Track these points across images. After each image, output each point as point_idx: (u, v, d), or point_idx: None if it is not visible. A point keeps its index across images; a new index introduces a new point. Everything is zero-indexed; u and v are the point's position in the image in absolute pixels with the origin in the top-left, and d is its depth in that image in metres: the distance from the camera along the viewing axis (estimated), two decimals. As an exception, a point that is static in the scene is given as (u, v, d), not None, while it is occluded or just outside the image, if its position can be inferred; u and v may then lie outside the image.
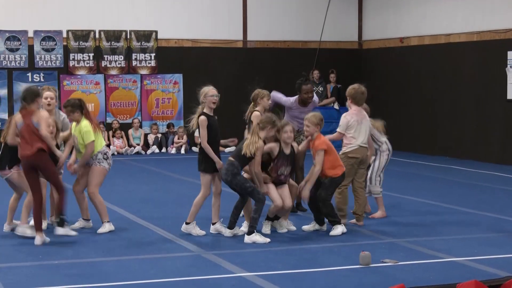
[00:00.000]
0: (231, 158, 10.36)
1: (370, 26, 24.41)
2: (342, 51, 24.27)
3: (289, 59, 23.27)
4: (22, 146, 10.09)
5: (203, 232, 10.67)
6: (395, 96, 22.57)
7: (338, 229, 10.72)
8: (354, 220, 11.48)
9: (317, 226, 11.03)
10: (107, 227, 10.83)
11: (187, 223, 10.73)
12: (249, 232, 10.24)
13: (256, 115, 11.21)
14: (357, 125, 11.23)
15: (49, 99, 10.78)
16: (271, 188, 10.63)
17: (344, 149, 11.29)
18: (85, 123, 10.59)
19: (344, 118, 11.28)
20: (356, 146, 11.22)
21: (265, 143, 10.46)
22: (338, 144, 11.47)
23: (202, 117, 10.44)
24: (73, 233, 10.45)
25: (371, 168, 12.02)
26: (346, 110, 11.70)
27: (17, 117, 10.19)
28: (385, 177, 12.34)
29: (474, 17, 20.29)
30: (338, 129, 11.35)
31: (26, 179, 10.23)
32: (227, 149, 17.59)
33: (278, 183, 10.70)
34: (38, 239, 10.08)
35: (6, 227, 10.95)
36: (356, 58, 24.43)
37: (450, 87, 21.11)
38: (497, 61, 19.47)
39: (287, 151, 10.66)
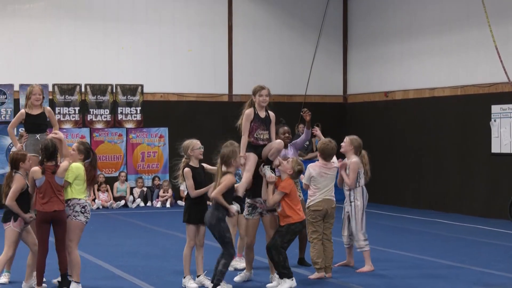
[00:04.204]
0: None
1: (355, 80, 24.67)
2: (327, 105, 24.46)
3: (274, 113, 23.12)
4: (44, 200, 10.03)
5: (195, 286, 10.57)
6: (380, 149, 22.63)
7: (286, 284, 10.48)
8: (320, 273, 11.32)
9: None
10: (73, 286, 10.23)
11: (184, 277, 10.74)
12: (215, 286, 10.19)
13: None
14: (320, 178, 11.30)
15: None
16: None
17: (308, 202, 11.37)
18: (77, 165, 10.31)
19: (307, 170, 11.38)
20: (319, 199, 11.28)
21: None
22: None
23: (186, 169, 10.53)
24: None
25: (352, 221, 11.96)
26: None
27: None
28: (370, 230, 12.28)
29: (458, 71, 20.50)
30: (303, 180, 11.47)
31: (39, 232, 10.08)
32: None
33: (258, 149, 10.62)
34: None
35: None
36: (341, 112, 24.66)
37: (435, 141, 21.25)
38: (481, 115, 19.65)
39: (262, 114, 10.81)
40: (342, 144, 12.03)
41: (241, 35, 23.88)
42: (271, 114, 10.97)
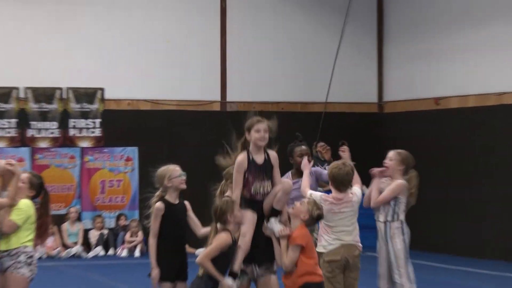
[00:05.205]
0: (199, 273, 9.92)
1: (393, 82, 24.67)
2: (356, 116, 24.44)
3: (283, 127, 21.91)
4: None
5: None
6: (427, 174, 21.24)
7: None
8: None
9: None
10: None
11: None
12: None
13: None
14: (333, 216, 10.93)
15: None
16: None
17: (320, 249, 11.03)
18: (27, 203, 10.20)
19: None
20: (336, 244, 10.98)
21: None
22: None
23: (158, 204, 10.25)
24: None
25: (393, 269, 11.64)
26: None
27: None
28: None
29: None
30: None
31: None
32: (198, 251, 16.91)
33: (255, 205, 10.10)
34: None
35: None
36: (375, 125, 24.52)
37: (502, 164, 21.02)
38: None
39: (259, 159, 10.15)
40: (387, 162, 11.80)
41: (237, 22, 23.71)
42: (272, 155, 10.28)
